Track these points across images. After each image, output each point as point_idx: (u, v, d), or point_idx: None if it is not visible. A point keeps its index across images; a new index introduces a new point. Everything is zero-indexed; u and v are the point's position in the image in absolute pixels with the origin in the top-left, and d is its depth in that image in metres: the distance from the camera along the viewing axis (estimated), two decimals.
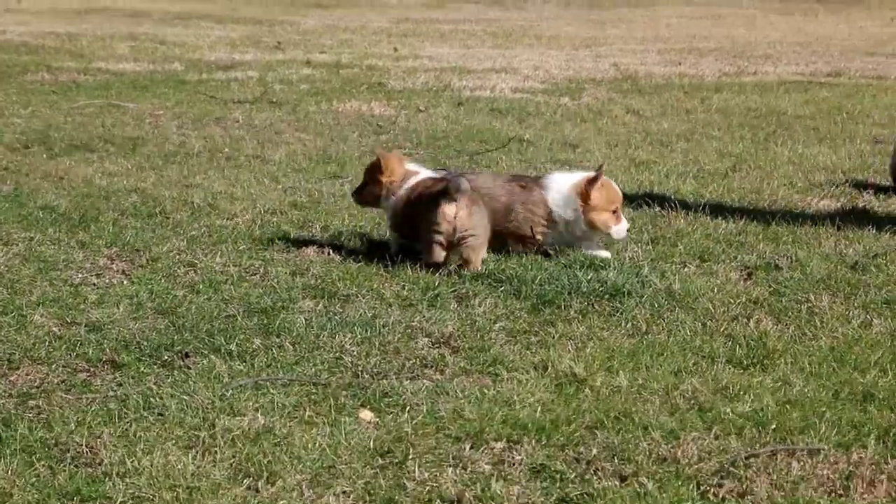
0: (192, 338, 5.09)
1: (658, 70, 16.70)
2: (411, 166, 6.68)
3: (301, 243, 6.62)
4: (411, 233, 6.38)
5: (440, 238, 6.13)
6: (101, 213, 7.30)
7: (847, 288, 5.91)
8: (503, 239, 6.40)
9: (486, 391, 4.56)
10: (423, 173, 6.60)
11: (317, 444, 4.06)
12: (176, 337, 5.10)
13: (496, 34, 21.47)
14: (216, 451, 4.01)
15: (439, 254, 6.14)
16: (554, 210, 6.40)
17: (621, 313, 5.51)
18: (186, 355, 4.89)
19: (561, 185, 6.46)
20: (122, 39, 18.51)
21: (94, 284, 5.94)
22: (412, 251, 6.33)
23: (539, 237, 6.41)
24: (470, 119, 11.67)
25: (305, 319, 5.34)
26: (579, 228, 6.41)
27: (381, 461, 3.98)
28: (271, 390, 4.54)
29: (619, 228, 6.47)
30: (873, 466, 3.94)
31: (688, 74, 16.22)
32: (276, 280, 5.99)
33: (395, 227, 6.55)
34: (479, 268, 6.13)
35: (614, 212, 6.43)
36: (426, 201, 6.25)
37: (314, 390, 4.56)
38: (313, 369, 4.78)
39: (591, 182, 6.37)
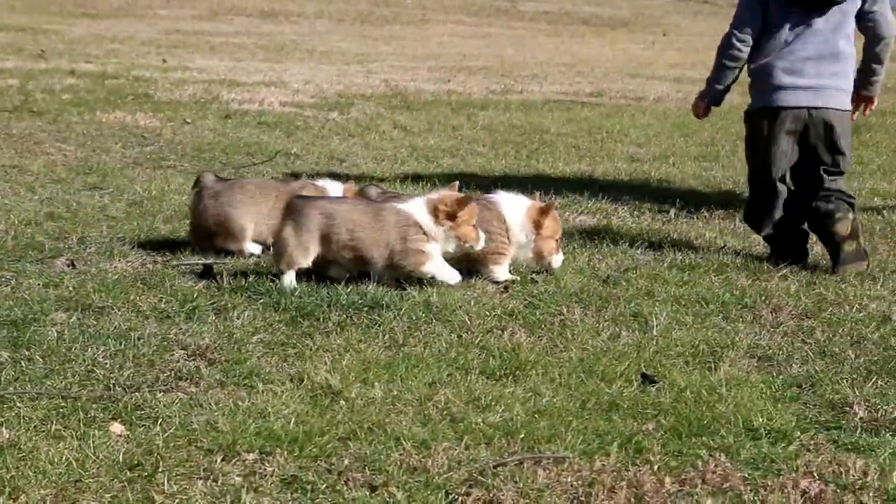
0: None
1: (427, 87, 16.89)
2: None
3: (56, 255, 6.47)
4: None
5: None
6: None
7: (598, 301, 6.09)
8: None
9: (240, 403, 4.53)
10: None
11: (63, 458, 3.96)
12: None
13: (267, 48, 21.37)
14: None
15: None
16: None
17: (379, 325, 5.55)
18: None
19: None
20: None
21: None
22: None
23: None
24: (237, 132, 11.59)
25: (57, 332, 5.21)
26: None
27: (129, 474, 3.91)
28: (17, 404, 4.41)
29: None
30: (614, 473, 4.06)
31: (456, 92, 16.46)
32: (28, 292, 5.83)
33: None
34: None
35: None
36: None
37: (63, 404, 4.45)
38: (63, 383, 4.66)
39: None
